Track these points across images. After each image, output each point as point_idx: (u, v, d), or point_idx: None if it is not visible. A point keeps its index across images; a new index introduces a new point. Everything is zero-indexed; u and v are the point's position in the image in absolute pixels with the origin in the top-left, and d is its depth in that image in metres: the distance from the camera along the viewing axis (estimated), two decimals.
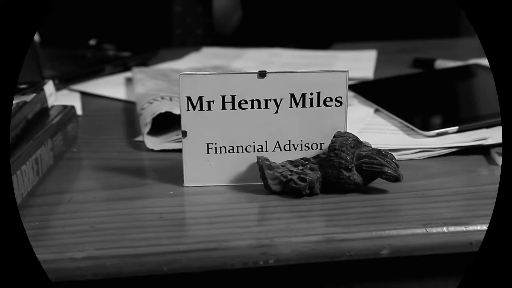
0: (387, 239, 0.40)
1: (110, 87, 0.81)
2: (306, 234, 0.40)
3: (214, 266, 0.39)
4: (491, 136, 0.55)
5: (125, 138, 0.61)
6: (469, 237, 0.41)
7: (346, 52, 1.01)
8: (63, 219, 0.43)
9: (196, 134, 0.47)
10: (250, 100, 0.46)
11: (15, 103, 0.51)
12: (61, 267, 0.38)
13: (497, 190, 0.40)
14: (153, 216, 0.43)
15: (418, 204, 0.44)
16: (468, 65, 0.80)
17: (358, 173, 0.46)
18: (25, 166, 0.45)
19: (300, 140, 0.48)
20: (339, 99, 0.47)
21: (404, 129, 0.59)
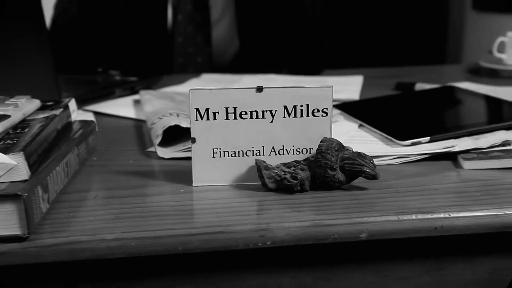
0: (365, 225, 0.48)
1: (120, 108, 0.89)
2: (297, 221, 0.48)
3: (220, 247, 0.47)
4: (457, 144, 0.63)
5: (138, 149, 0.69)
6: (434, 223, 0.49)
7: (335, 77, 1.10)
8: (92, 210, 0.50)
9: (204, 141, 0.55)
10: (249, 111, 0.55)
11: (46, 116, 0.59)
12: (93, 246, 0.46)
13: (460, 187, 0.49)
14: (167, 208, 0.51)
15: (392, 198, 0.52)
16: (443, 86, 0.89)
17: (341, 173, 0.54)
18: (58, 167, 0.53)
19: (292, 145, 0.56)
20: (325, 110, 0.55)
21: (384, 140, 0.67)
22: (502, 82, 1.05)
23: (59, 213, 0.50)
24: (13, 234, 0.45)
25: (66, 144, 0.58)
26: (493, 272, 0.53)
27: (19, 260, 0.45)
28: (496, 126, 0.66)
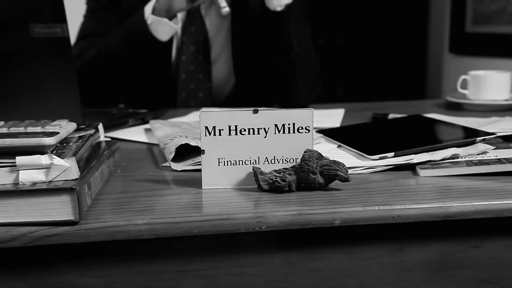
0: (338, 214, 0.62)
1: (133, 134, 1.03)
2: (286, 211, 0.62)
3: (226, 230, 0.61)
4: (416, 157, 0.77)
5: (153, 164, 0.83)
6: (392, 213, 0.63)
7: (320, 110, 1.25)
8: (125, 204, 0.64)
9: (211, 152, 0.69)
10: (247, 128, 0.69)
11: (82, 135, 0.73)
12: (127, 229, 0.59)
13: (415, 188, 0.63)
14: (184, 203, 0.65)
15: (361, 195, 0.67)
16: (411, 115, 1.04)
17: (321, 176, 0.68)
18: (96, 173, 0.67)
19: (281, 156, 0.70)
20: (308, 128, 0.70)
21: (357, 156, 0.82)
22: (465, 114, 1.20)
23: (100, 206, 0.63)
24: (67, 219, 0.59)
25: (99, 157, 0.72)
26: (441, 254, 0.67)
27: (71, 239, 0.58)
28: (448, 144, 0.81)
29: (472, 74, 1.28)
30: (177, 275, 0.63)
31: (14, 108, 0.91)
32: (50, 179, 0.60)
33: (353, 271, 0.66)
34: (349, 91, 2.43)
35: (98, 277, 0.62)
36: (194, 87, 1.34)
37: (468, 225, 0.66)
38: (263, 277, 0.65)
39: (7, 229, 0.58)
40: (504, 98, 1.25)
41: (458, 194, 0.67)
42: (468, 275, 0.68)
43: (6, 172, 0.60)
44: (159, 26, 1.20)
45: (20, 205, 0.59)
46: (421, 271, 0.67)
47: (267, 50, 1.31)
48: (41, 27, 0.92)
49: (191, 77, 1.34)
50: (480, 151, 0.79)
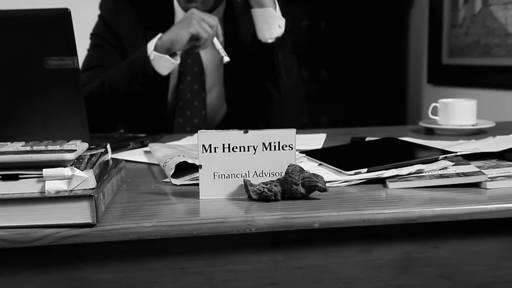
0: (317, 218, 0.73)
1: (134, 156, 1.14)
2: (272, 215, 0.73)
3: (221, 232, 0.71)
4: (386, 172, 0.89)
5: (154, 180, 0.94)
6: (362, 217, 0.74)
7: (304, 134, 1.37)
8: (134, 211, 0.75)
9: (207, 167, 0.80)
10: (239, 146, 0.80)
11: (93, 153, 0.84)
12: (138, 231, 0.70)
13: (384, 197, 0.74)
14: (184, 209, 0.75)
15: (337, 203, 0.77)
16: (385, 138, 1.15)
17: (302, 187, 0.79)
18: (108, 185, 0.77)
19: (268, 170, 0.81)
20: (291, 145, 0.81)
21: (335, 172, 0.93)
22: (436, 138, 1.32)
23: (112, 212, 0.74)
24: (86, 222, 0.69)
25: (110, 172, 0.82)
26: (406, 253, 0.77)
27: (89, 239, 0.69)
28: (415, 161, 0.92)
29: (442, 101, 1.40)
30: (178, 272, 0.73)
31: (29, 131, 1.01)
32: (71, 188, 0.71)
33: (330, 268, 0.76)
34: (333, 120, 2.55)
35: (112, 273, 0.72)
36: (190, 113, 1.46)
37: (429, 229, 0.77)
38: (253, 274, 0.75)
39: (34, 230, 0.68)
40: (471, 124, 1.37)
41: (420, 202, 0.78)
42: (429, 272, 0.78)
43: (34, 182, 0.71)
44: (160, 61, 1.32)
45: (46, 210, 0.69)
46: (389, 269, 0.78)
47: (257, 78, 1.43)
48: (54, 60, 1.02)
49: (187, 104, 1.46)
50: (441, 167, 0.91)
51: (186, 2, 1.42)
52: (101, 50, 1.48)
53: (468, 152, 1.00)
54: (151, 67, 1.32)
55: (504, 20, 2.26)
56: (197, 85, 1.46)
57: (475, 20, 2.40)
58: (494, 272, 0.79)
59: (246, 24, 1.45)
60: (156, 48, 1.33)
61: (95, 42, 1.50)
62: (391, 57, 2.73)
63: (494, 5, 2.30)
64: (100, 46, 1.49)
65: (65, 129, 1.04)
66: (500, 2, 2.27)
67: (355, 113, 2.64)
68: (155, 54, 1.32)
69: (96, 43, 1.50)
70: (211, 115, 1.51)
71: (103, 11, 1.53)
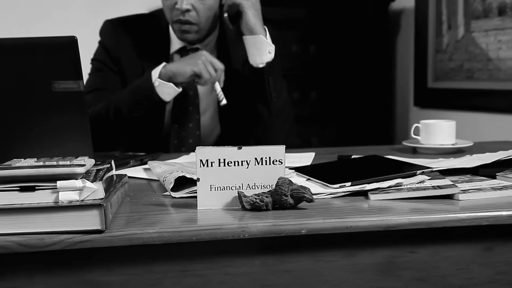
0: (304, 225, 0.81)
1: (135, 172, 1.21)
2: (264, 223, 0.80)
3: (218, 237, 0.79)
4: (368, 185, 0.97)
5: (155, 194, 1.01)
6: (346, 224, 0.81)
7: (293, 153, 1.45)
8: (138, 219, 0.82)
9: (205, 180, 0.88)
10: (233, 161, 0.88)
11: (99, 168, 0.91)
12: (142, 236, 0.77)
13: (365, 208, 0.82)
14: (184, 218, 0.83)
15: (322, 212, 0.85)
16: (369, 155, 1.24)
17: (291, 198, 0.87)
18: (114, 196, 0.85)
19: (260, 182, 0.89)
20: (281, 160, 0.89)
21: (322, 186, 1.01)
22: (418, 156, 1.40)
23: (118, 220, 0.81)
24: (96, 229, 0.76)
25: (115, 185, 0.90)
26: (385, 257, 0.85)
27: (99, 244, 0.76)
28: (395, 176, 1.00)
29: (423, 122, 1.49)
30: (179, 274, 0.81)
31: (37, 149, 1.08)
32: (82, 198, 0.78)
33: (317, 271, 0.84)
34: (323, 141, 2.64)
35: (118, 275, 0.79)
36: (185, 134, 1.54)
37: (407, 235, 0.85)
38: (246, 276, 0.82)
39: (49, 236, 0.76)
40: (451, 143, 1.46)
41: (398, 211, 0.86)
42: (407, 275, 0.86)
43: (48, 193, 0.78)
44: (165, 88, 1.42)
45: (60, 218, 0.76)
46: (370, 272, 0.85)
47: (249, 100, 1.52)
48: (61, 83, 1.10)
49: (183, 126, 1.54)
50: (419, 180, 0.99)
51: (180, 32, 1.51)
52: (101, 74, 1.56)
53: (444, 168, 1.09)
54: (156, 93, 1.41)
55: (485, 46, 2.36)
56: (191, 107, 1.55)
57: (458, 46, 2.50)
58: (466, 275, 0.87)
59: (238, 50, 1.54)
60: (160, 75, 1.42)
61: (96, 66, 1.59)
62: (379, 80, 2.83)
63: (476, 32, 2.41)
64: (100, 71, 1.57)
65: (71, 148, 1.11)
66: (482, 29, 2.38)
67: (345, 134, 2.72)
68: (159, 81, 1.41)
69: (97, 67, 1.58)
70: (205, 135, 1.59)
71: (103, 37, 1.62)
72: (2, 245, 0.75)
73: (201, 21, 1.48)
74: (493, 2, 2.30)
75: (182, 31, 1.50)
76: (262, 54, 1.47)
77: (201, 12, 1.47)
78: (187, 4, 1.45)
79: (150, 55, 1.55)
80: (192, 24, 1.48)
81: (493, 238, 0.87)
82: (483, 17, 2.36)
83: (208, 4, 1.47)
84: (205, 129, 1.59)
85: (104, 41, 1.60)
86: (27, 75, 1.10)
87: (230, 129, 1.59)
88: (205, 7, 1.47)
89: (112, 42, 1.58)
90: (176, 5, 1.46)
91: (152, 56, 1.54)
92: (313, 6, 2.69)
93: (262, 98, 1.49)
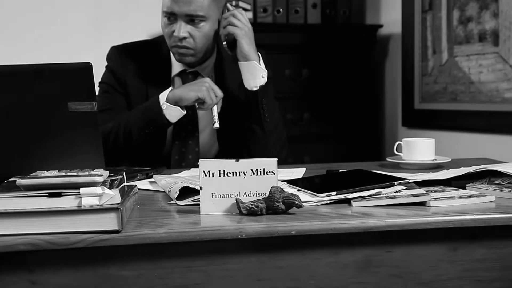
0: (294, 227, 0.93)
1: (141, 185, 1.33)
2: (259, 225, 0.93)
3: (219, 237, 0.91)
4: (351, 194, 1.09)
5: (162, 202, 1.13)
6: (330, 226, 0.94)
7: (285, 168, 1.57)
8: (149, 222, 0.94)
9: (207, 188, 1.00)
10: (232, 172, 1.01)
11: (113, 179, 1.03)
12: (153, 236, 0.89)
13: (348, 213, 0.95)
14: (189, 221, 0.95)
15: (310, 216, 0.98)
16: (354, 169, 1.36)
17: (283, 204, 0.99)
18: (128, 203, 0.97)
19: (255, 191, 1.01)
20: (273, 171, 1.02)
21: (310, 195, 1.13)
22: (400, 171, 1.53)
23: (132, 223, 0.93)
24: (113, 229, 0.88)
25: (128, 193, 1.02)
26: (365, 256, 0.97)
27: (116, 243, 0.88)
28: (375, 186, 1.13)
29: (405, 140, 1.62)
30: (185, 269, 0.93)
31: (55, 163, 1.20)
32: (101, 203, 0.90)
33: (305, 268, 0.96)
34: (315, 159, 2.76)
35: (132, 270, 0.91)
36: (185, 150, 1.67)
37: (383, 236, 0.98)
38: (243, 271, 0.94)
39: (73, 235, 0.88)
40: (430, 159, 1.59)
41: (377, 215, 0.99)
42: (384, 271, 0.98)
43: (72, 199, 0.90)
44: (172, 111, 1.56)
45: (82, 220, 0.88)
46: (352, 268, 0.97)
47: (244, 120, 1.65)
48: (76, 104, 1.23)
49: (183, 143, 1.67)
50: (396, 190, 1.12)
51: (178, 55, 1.65)
52: (109, 96, 1.70)
53: (419, 179, 1.21)
54: (163, 115, 1.55)
55: (467, 69, 2.51)
56: (191, 126, 1.68)
57: (442, 69, 2.65)
58: (435, 272, 0.99)
59: (234, 74, 1.68)
60: (167, 99, 1.56)
61: (104, 89, 1.72)
62: (369, 102, 2.96)
63: (458, 56, 2.55)
64: (108, 92, 1.70)
65: (85, 161, 1.23)
66: (464, 53, 2.53)
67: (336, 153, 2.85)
68: (167, 105, 1.55)
69: (105, 89, 1.72)
70: (204, 152, 1.72)
71: (110, 62, 1.75)
72: (33, 243, 0.87)
73: (198, 46, 1.62)
74: (474, 29, 2.45)
75: (180, 54, 1.64)
76: (256, 78, 1.60)
77: (197, 38, 1.61)
78: (184, 32, 1.59)
79: (153, 78, 1.69)
80: (189, 48, 1.62)
81: (459, 239, 1.00)
82: (465, 42, 2.51)
83: (204, 32, 1.61)
84: (204, 146, 1.71)
85: (111, 66, 1.74)
86: (47, 97, 1.23)
87: (228, 146, 1.72)
88: (200, 34, 1.61)
89: (118, 66, 1.72)
90: (174, 32, 1.60)
91: (155, 79, 1.68)
92: (306, 32, 2.84)
93: (256, 118, 1.62)
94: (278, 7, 2.79)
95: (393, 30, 2.96)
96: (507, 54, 2.30)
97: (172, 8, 1.59)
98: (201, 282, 0.93)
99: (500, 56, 2.34)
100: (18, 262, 0.89)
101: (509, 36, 2.28)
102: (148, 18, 2.70)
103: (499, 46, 2.34)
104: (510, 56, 2.28)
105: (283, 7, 2.80)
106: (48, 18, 2.72)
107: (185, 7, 1.57)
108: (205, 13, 1.59)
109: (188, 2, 1.57)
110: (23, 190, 0.92)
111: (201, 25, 1.60)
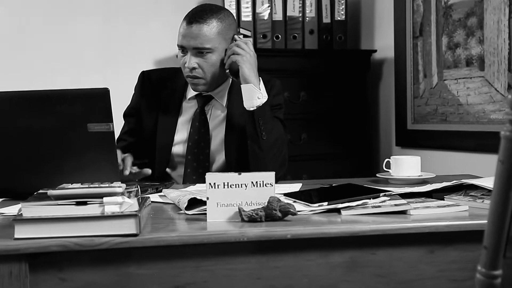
0: (289, 231, 1.06)
1: (152, 198, 1.47)
2: (258, 229, 1.06)
3: (223, 240, 1.04)
4: (341, 204, 1.23)
5: (172, 211, 1.27)
6: (322, 231, 1.07)
7: (283, 184, 1.71)
8: (163, 228, 1.08)
9: (213, 198, 1.14)
10: (235, 184, 1.14)
11: (129, 190, 1.17)
12: (167, 239, 1.03)
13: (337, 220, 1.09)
14: (197, 226, 1.09)
15: (304, 223, 1.11)
16: (344, 183, 1.50)
17: (279, 212, 1.13)
18: (144, 211, 1.11)
19: (256, 200, 1.15)
20: (271, 183, 1.15)
21: (304, 205, 1.26)
22: (389, 186, 1.66)
23: (148, 228, 1.07)
24: (132, 233, 1.02)
25: (143, 203, 1.16)
26: (352, 257, 1.11)
27: (134, 245, 1.01)
28: (362, 197, 1.27)
29: (393, 158, 1.76)
30: (194, 269, 1.06)
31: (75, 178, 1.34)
32: (122, 210, 1.04)
33: (299, 268, 1.09)
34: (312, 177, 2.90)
35: (148, 269, 1.04)
36: (196, 165, 1.82)
37: (368, 240, 1.11)
38: (245, 271, 1.08)
39: (98, 238, 1.01)
40: (417, 175, 1.72)
41: (363, 222, 1.12)
42: (369, 272, 1.11)
43: (96, 206, 1.04)
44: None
45: (105, 225, 1.02)
46: (341, 269, 1.11)
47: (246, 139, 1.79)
48: (94, 125, 1.37)
49: (194, 157, 1.82)
50: (381, 200, 1.25)
51: (191, 84, 1.81)
52: (129, 120, 1.91)
53: (403, 192, 1.35)
54: None
55: (456, 92, 2.65)
56: (202, 143, 1.83)
57: (433, 92, 2.79)
58: (415, 272, 1.13)
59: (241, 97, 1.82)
60: None
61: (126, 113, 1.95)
62: (364, 123, 3.11)
63: (448, 80, 2.70)
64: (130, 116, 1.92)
65: (102, 177, 1.37)
66: (453, 77, 2.67)
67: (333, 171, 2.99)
68: None
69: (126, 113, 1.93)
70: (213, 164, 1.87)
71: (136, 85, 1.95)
72: (63, 244, 1.00)
73: (207, 75, 1.78)
74: (462, 55, 2.60)
75: (193, 83, 1.80)
76: (253, 99, 1.74)
77: (205, 68, 1.77)
78: (192, 63, 1.75)
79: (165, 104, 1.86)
80: (199, 78, 1.78)
81: (435, 243, 1.13)
82: (453, 67, 2.66)
83: (211, 62, 1.77)
84: (212, 161, 1.86)
85: (135, 88, 1.94)
86: (68, 119, 1.38)
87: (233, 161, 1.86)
88: (208, 64, 1.76)
89: (137, 92, 1.91)
90: (186, 64, 1.76)
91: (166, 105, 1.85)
92: (303, 57, 3.00)
93: (253, 136, 1.76)
94: (277, 33, 2.94)
95: (387, 54, 3.12)
96: (492, 78, 2.44)
97: (182, 42, 1.76)
98: (208, 280, 1.06)
99: (486, 80, 2.48)
100: (50, 262, 1.02)
101: (493, 61, 2.43)
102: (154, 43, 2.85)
103: (484, 70, 2.48)
104: (495, 80, 2.43)
105: (282, 33, 2.95)
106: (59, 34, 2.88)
107: (192, 41, 1.74)
108: (211, 46, 1.75)
109: (195, 36, 1.73)
110: (53, 199, 1.06)
111: (208, 56, 1.76)
